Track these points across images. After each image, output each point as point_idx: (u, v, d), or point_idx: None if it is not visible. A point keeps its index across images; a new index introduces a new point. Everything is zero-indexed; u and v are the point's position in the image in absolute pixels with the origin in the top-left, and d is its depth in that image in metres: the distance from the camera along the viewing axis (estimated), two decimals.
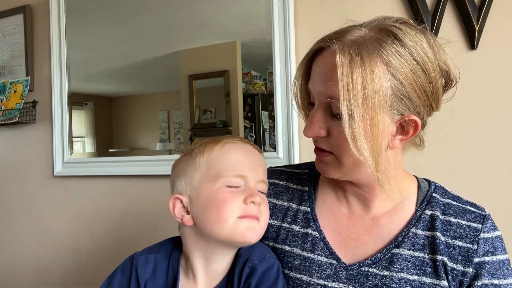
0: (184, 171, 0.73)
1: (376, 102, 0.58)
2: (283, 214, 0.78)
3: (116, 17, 1.66)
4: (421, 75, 0.60)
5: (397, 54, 0.59)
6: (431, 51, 0.62)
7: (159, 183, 1.53)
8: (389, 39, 0.60)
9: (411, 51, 0.60)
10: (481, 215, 0.69)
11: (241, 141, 0.75)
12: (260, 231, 0.70)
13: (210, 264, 0.72)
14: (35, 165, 1.84)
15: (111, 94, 1.80)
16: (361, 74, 0.57)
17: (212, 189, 0.69)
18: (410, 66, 0.59)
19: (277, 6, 1.30)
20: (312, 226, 0.74)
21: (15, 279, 1.90)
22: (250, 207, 0.68)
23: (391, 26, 0.61)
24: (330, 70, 0.61)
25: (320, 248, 0.72)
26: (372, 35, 0.61)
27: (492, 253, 0.66)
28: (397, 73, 0.59)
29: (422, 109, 0.63)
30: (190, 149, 0.75)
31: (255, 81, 1.44)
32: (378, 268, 0.68)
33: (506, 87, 1.06)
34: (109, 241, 1.67)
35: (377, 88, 0.58)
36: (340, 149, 0.65)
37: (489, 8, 1.07)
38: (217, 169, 0.70)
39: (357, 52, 0.58)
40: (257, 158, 0.74)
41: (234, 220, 0.67)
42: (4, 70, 1.92)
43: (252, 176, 0.70)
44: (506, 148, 1.07)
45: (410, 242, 0.68)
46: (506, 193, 1.06)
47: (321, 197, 0.78)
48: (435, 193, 0.72)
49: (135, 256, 0.75)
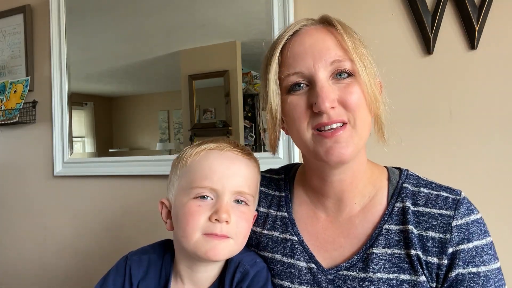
0: (171, 174, 0.73)
1: (371, 59, 0.66)
2: (263, 221, 0.77)
3: (116, 17, 1.66)
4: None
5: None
6: None
7: (159, 183, 1.53)
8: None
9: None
10: (454, 200, 0.66)
11: (225, 145, 0.70)
12: (229, 249, 0.66)
13: (194, 273, 0.71)
14: (35, 165, 1.84)
15: (111, 94, 1.80)
16: (356, 36, 0.67)
17: (183, 201, 0.67)
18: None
19: (277, 6, 1.30)
20: (290, 231, 0.74)
21: (15, 279, 1.90)
22: (216, 225, 0.64)
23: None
24: (322, 39, 0.65)
25: (299, 252, 0.72)
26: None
27: (468, 239, 0.63)
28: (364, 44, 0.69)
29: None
30: (182, 150, 0.74)
31: (255, 81, 1.44)
32: (355, 271, 0.67)
33: (506, 87, 1.06)
34: (109, 241, 1.67)
35: (366, 51, 0.66)
36: (356, 110, 0.63)
37: (489, 8, 1.07)
38: (190, 179, 0.67)
39: (343, 23, 0.68)
40: (236, 167, 0.68)
41: (198, 237, 0.64)
42: (4, 70, 1.92)
43: (225, 187, 0.66)
44: (506, 148, 1.06)
45: (384, 239, 0.67)
46: (506, 193, 1.06)
47: (297, 201, 0.77)
48: (405, 183, 0.70)
49: (129, 256, 0.75)
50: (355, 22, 0.79)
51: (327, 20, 0.68)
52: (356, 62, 0.63)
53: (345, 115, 0.63)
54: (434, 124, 1.13)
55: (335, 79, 0.64)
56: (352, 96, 0.63)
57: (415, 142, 1.13)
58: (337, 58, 0.63)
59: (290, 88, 0.66)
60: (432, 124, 1.13)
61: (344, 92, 0.63)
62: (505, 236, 0.99)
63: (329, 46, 0.64)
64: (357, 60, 0.63)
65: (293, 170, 0.83)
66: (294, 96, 0.66)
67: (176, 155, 0.76)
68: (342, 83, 0.64)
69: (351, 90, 0.63)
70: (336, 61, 0.64)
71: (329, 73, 0.64)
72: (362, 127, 0.64)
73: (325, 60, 0.63)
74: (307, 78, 0.65)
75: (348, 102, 0.63)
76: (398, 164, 0.77)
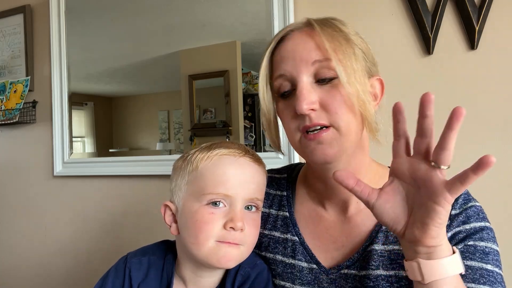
0: (176, 177, 0.71)
1: (359, 58, 0.64)
2: (264, 221, 0.77)
3: (116, 17, 1.66)
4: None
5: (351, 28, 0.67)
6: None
7: (159, 183, 1.53)
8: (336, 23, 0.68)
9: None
10: None
11: (237, 150, 0.69)
12: (240, 256, 0.66)
13: (198, 278, 0.70)
14: (35, 165, 1.84)
15: (111, 94, 1.80)
16: (340, 35, 0.64)
17: (194, 207, 0.66)
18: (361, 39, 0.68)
19: (277, 6, 1.30)
20: (291, 231, 0.74)
21: (15, 279, 1.90)
22: (230, 233, 0.64)
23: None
24: (303, 43, 0.64)
25: (301, 252, 0.72)
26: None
27: (464, 222, 0.63)
28: (357, 40, 0.66)
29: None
30: (187, 152, 0.72)
31: (255, 81, 1.44)
32: (356, 269, 0.67)
33: (506, 87, 1.06)
34: (109, 241, 1.67)
35: (352, 49, 0.64)
36: (338, 112, 0.62)
37: (489, 8, 1.07)
38: (202, 185, 0.66)
39: (330, 23, 0.66)
40: (250, 174, 0.68)
41: (211, 244, 0.64)
42: (4, 70, 1.92)
43: (239, 194, 0.65)
44: (506, 148, 1.06)
45: (383, 236, 0.67)
46: (506, 194, 1.06)
47: (299, 201, 0.77)
48: None
49: (128, 257, 0.74)
50: (355, 22, 0.79)
51: (310, 22, 0.67)
52: (334, 63, 0.61)
53: (326, 118, 0.62)
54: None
55: (319, 83, 0.64)
56: (332, 99, 0.62)
57: None
58: (317, 58, 0.63)
59: (280, 93, 0.67)
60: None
61: (326, 95, 0.63)
62: (504, 236, 0.99)
63: (309, 48, 0.64)
64: (335, 62, 0.61)
65: (296, 170, 0.82)
66: (283, 100, 0.67)
67: (178, 156, 0.75)
68: (325, 86, 0.64)
69: (332, 93, 0.62)
70: (317, 61, 0.63)
71: (312, 75, 0.64)
72: (348, 130, 0.63)
73: (305, 61, 0.63)
74: (291, 81, 0.65)
75: (328, 105, 0.62)
76: None
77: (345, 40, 0.64)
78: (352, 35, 0.66)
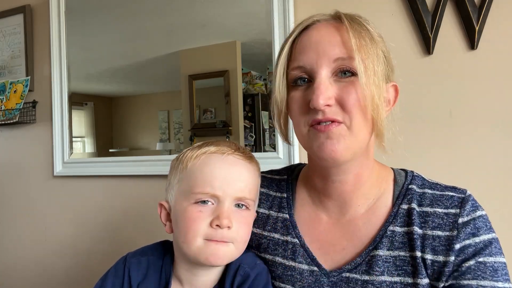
0: (170, 175, 0.72)
1: (380, 60, 0.63)
2: (264, 222, 0.76)
3: (116, 17, 1.66)
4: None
5: (374, 28, 0.67)
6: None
7: (159, 183, 1.53)
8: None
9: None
10: (459, 199, 0.65)
11: (226, 148, 0.69)
12: (230, 253, 0.66)
13: (194, 277, 0.71)
14: (35, 165, 1.84)
15: (111, 94, 1.80)
16: (366, 34, 0.63)
17: (183, 205, 0.67)
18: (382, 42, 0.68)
19: (277, 6, 1.30)
20: (291, 233, 0.73)
21: (15, 279, 1.90)
22: (217, 231, 0.64)
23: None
24: (328, 36, 0.63)
25: (301, 255, 0.71)
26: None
27: (474, 234, 0.62)
28: (380, 43, 0.66)
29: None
30: (182, 151, 0.72)
31: (255, 81, 1.44)
32: (358, 273, 0.66)
33: (506, 87, 1.06)
34: (109, 241, 1.67)
35: (376, 50, 0.63)
36: (352, 111, 0.61)
37: (489, 8, 1.07)
38: (191, 183, 0.67)
39: (358, 20, 0.65)
40: (237, 171, 0.68)
41: (200, 243, 0.64)
42: (4, 70, 1.92)
43: (226, 192, 0.66)
44: (506, 148, 1.06)
45: (388, 241, 0.66)
46: (506, 194, 1.06)
47: (299, 203, 0.76)
48: (411, 185, 0.69)
49: (127, 257, 0.74)
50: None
51: (338, 15, 0.67)
52: (357, 63, 0.60)
53: (341, 114, 0.61)
54: (434, 124, 1.13)
55: (338, 77, 0.63)
56: (349, 96, 0.61)
57: (414, 142, 1.13)
58: (340, 56, 0.62)
59: (293, 82, 0.66)
60: (432, 124, 1.13)
61: (343, 91, 0.62)
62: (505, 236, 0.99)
63: (334, 43, 0.63)
64: (357, 60, 0.60)
65: (297, 171, 0.81)
66: (296, 90, 0.66)
67: (175, 155, 0.75)
68: (343, 82, 0.62)
69: (350, 89, 0.61)
70: (340, 59, 0.62)
71: (332, 71, 0.63)
72: (358, 130, 0.62)
73: (328, 57, 0.62)
74: (309, 73, 0.64)
75: (344, 101, 0.61)
76: (398, 164, 0.77)
77: (370, 40, 0.63)
78: (376, 36, 0.65)
